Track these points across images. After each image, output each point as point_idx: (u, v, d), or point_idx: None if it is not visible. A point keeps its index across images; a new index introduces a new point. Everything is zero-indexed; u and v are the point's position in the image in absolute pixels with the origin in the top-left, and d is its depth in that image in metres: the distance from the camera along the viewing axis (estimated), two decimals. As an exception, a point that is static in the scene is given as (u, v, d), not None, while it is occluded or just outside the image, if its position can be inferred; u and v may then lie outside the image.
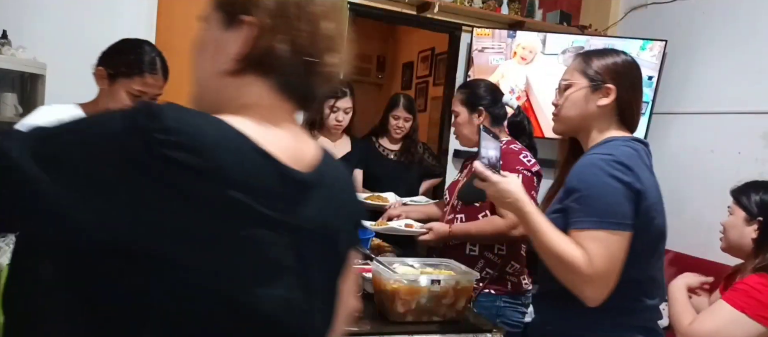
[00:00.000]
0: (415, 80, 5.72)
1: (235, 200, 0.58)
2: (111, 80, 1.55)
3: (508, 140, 1.94)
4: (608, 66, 1.22)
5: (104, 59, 1.58)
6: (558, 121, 1.30)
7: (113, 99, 1.56)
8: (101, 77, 1.56)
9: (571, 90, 1.24)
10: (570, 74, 1.27)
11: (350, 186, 0.82)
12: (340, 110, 2.54)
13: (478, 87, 1.99)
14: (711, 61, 3.00)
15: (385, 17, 3.44)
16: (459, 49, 3.62)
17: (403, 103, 2.69)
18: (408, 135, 2.75)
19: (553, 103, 1.31)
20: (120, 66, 1.55)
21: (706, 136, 2.96)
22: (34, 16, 2.72)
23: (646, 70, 3.27)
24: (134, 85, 1.55)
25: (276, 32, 0.67)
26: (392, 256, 1.89)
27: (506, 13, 3.57)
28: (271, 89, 0.70)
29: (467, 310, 1.46)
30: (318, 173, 0.72)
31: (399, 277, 1.41)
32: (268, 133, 0.66)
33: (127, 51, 1.57)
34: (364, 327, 1.37)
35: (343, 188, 0.80)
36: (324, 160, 0.75)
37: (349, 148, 2.68)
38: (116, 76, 1.55)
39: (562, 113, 1.27)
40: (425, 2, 3.33)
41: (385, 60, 6.48)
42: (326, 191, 0.73)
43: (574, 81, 1.24)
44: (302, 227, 0.67)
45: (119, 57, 1.56)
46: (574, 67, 1.26)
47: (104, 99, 1.58)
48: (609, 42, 3.38)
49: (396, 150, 2.76)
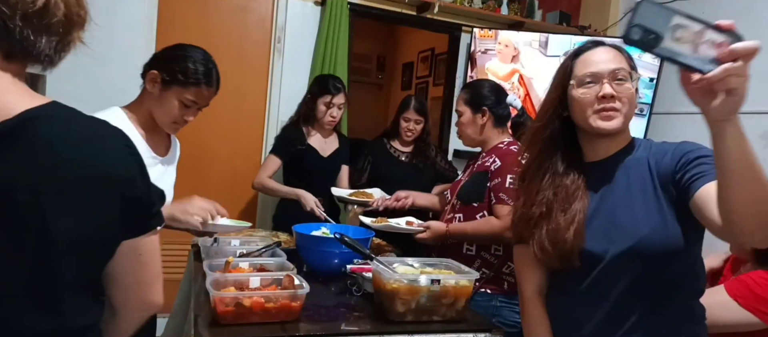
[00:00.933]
0: (415, 80, 5.72)
1: None
2: (164, 86, 1.52)
3: (510, 141, 1.94)
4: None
5: (160, 64, 1.53)
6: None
7: (162, 104, 1.53)
8: (153, 81, 1.52)
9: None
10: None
11: (86, 147, 0.71)
12: (335, 106, 2.55)
13: (482, 87, 1.99)
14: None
15: (385, 17, 3.45)
16: (459, 49, 3.62)
17: (414, 106, 2.66)
18: (420, 137, 2.72)
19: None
20: (177, 73, 1.51)
21: (706, 137, 2.94)
22: (34, 16, 2.72)
23: (646, 72, 3.27)
24: (188, 95, 1.53)
25: None
26: (392, 256, 1.89)
27: (506, 14, 3.58)
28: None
29: (466, 310, 1.46)
30: (6, 126, 0.64)
31: (399, 277, 1.41)
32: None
33: (187, 59, 1.53)
34: (364, 327, 1.37)
35: (68, 147, 0.69)
36: (37, 112, 0.67)
37: (338, 145, 2.69)
38: (171, 83, 1.51)
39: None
40: (425, 2, 3.33)
41: (385, 60, 6.49)
42: (22, 147, 0.65)
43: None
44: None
45: (178, 64, 1.52)
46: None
47: (151, 102, 1.55)
48: (609, 42, 3.37)
49: (408, 152, 2.73)
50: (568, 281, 1.21)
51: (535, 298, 1.29)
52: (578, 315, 1.19)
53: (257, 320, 1.30)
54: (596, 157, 1.23)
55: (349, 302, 1.54)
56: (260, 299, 1.30)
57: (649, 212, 1.11)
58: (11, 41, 0.66)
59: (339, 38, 3.18)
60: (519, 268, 1.35)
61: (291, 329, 1.30)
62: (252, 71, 3.22)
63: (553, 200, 1.21)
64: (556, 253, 1.18)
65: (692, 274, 1.17)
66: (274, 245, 1.80)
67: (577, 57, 1.23)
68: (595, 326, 1.16)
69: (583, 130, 1.23)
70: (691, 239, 1.11)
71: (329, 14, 3.14)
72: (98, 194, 0.72)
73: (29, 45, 0.68)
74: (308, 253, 1.80)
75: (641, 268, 1.12)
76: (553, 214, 1.20)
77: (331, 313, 1.45)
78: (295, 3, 3.20)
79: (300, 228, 1.88)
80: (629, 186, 1.16)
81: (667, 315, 1.14)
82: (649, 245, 1.09)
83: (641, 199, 1.13)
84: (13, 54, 0.68)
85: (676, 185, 1.10)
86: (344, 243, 1.55)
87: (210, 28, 3.07)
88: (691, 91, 0.80)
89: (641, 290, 1.13)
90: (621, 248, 1.11)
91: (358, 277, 1.60)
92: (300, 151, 2.58)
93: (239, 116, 3.20)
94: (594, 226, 1.16)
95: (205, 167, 3.11)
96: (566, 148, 1.26)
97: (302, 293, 1.34)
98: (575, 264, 1.16)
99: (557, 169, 1.24)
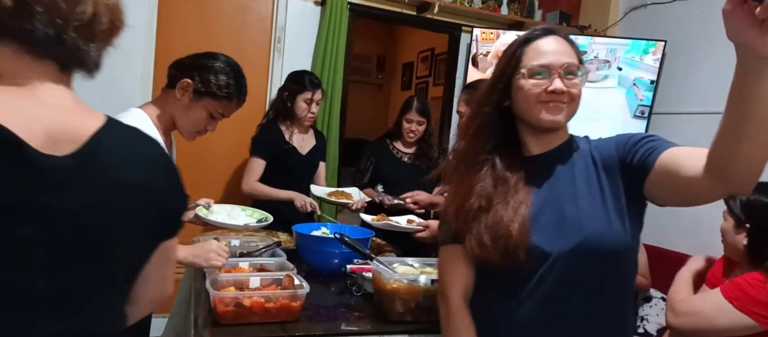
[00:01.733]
0: (415, 80, 5.72)
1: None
2: (196, 96, 1.49)
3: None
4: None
5: (194, 73, 1.49)
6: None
7: (189, 113, 1.51)
8: (184, 90, 1.49)
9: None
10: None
11: (138, 163, 0.74)
12: (315, 103, 2.54)
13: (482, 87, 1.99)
14: (711, 61, 3.00)
15: (385, 17, 3.44)
16: (459, 49, 3.62)
17: (416, 107, 2.65)
18: (422, 138, 2.71)
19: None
20: (212, 85, 1.48)
21: (706, 137, 2.91)
22: (34, 16, 2.72)
23: (647, 74, 3.27)
24: (219, 108, 1.52)
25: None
26: (392, 256, 1.89)
27: (506, 14, 3.57)
28: (16, 53, 0.65)
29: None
30: (82, 154, 0.66)
31: (399, 277, 1.41)
32: (15, 108, 0.62)
33: (221, 72, 1.50)
34: (364, 327, 1.37)
35: (127, 166, 0.72)
36: (101, 135, 0.69)
37: (315, 142, 2.68)
38: (204, 95, 1.49)
39: None
40: (425, 2, 3.33)
41: (385, 60, 6.49)
42: (95, 173, 0.67)
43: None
44: (50, 213, 0.63)
45: (213, 76, 1.49)
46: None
47: (176, 108, 1.51)
48: (609, 42, 3.38)
49: (410, 153, 2.73)
50: (512, 281, 1.10)
51: (462, 306, 1.17)
52: (522, 317, 1.09)
53: (257, 320, 1.30)
54: (537, 151, 1.16)
55: (349, 302, 1.54)
56: (260, 299, 1.30)
57: (595, 206, 1.06)
58: (66, 52, 0.68)
59: (339, 38, 3.18)
60: (445, 272, 1.22)
61: (291, 329, 1.30)
62: (252, 71, 3.20)
63: (494, 192, 1.12)
64: (498, 248, 1.07)
65: (631, 274, 1.15)
66: (274, 245, 1.80)
67: (527, 44, 1.14)
68: (538, 326, 1.08)
69: (524, 123, 1.16)
70: (634, 236, 1.08)
71: (329, 14, 3.14)
72: (149, 211, 0.76)
73: (81, 54, 0.69)
74: (308, 253, 1.80)
75: (589, 265, 1.05)
76: (494, 206, 1.10)
77: (331, 313, 1.45)
78: (295, 3, 3.20)
79: (300, 228, 1.88)
80: (574, 179, 1.10)
81: (610, 313, 1.09)
82: (598, 240, 1.04)
83: (587, 192, 1.08)
84: (68, 65, 0.70)
85: (626, 170, 1.06)
86: (344, 243, 1.55)
87: (210, 28, 3.07)
88: (739, 20, 0.71)
89: (586, 288, 1.07)
90: (571, 244, 1.05)
91: (358, 277, 1.60)
92: (282, 151, 2.57)
93: (239, 116, 3.18)
94: (542, 222, 1.08)
95: (205, 167, 3.10)
96: (505, 139, 1.18)
97: (302, 293, 1.35)
98: (521, 259, 1.05)
99: (496, 160, 1.15)
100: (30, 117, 0.62)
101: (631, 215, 1.07)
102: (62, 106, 0.68)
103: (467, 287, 1.18)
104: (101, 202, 0.68)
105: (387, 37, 6.40)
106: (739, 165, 0.84)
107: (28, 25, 0.63)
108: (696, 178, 0.91)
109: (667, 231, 2.81)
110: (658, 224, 3.07)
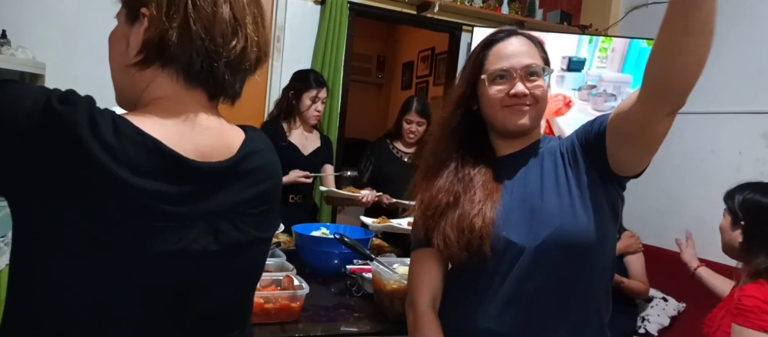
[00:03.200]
0: (415, 80, 5.72)
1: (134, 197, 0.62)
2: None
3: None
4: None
5: None
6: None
7: None
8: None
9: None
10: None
11: (271, 174, 0.82)
12: (320, 101, 2.54)
13: None
14: (711, 61, 2.96)
15: (385, 17, 3.44)
16: (459, 48, 3.62)
17: (416, 107, 2.65)
18: (423, 139, 2.67)
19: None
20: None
21: (706, 136, 2.96)
22: (34, 16, 2.72)
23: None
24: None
25: (169, 21, 0.68)
26: (392, 256, 1.88)
27: (507, 13, 3.57)
28: (176, 80, 0.72)
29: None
30: (231, 164, 0.73)
31: (399, 277, 1.41)
32: (171, 128, 0.68)
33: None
34: (364, 327, 1.37)
35: (263, 177, 0.79)
36: (244, 150, 0.76)
37: (319, 144, 2.68)
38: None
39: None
40: (425, 2, 3.33)
41: (385, 60, 6.49)
42: (243, 181, 0.75)
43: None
44: (207, 217, 0.70)
45: None
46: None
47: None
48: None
49: (410, 153, 2.72)
50: (481, 279, 1.09)
51: (428, 312, 1.14)
52: (491, 317, 1.07)
53: (256, 320, 1.29)
54: (507, 151, 1.16)
55: (348, 302, 1.54)
56: (260, 300, 1.30)
57: (563, 200, 1.06)
58: (216, 83, 0.73)
59: (339, 38, 3.17)
60: (415, 277, 1.19)
61: (291, 329, 1.30)
62: (252, 71, 3.22)
63: (461, 190, 1.12)
64: (462, 241, 1.06)
65: (606, 270, 1.12)
66: (274, 246, 1.80)
67: (489, 48, 1.14)
68: (508, 326, 1.06)
69: (492, 127, 1.16)
70: (606, 229, 1.07)
71: (329, 13, 3.14)
72: (275, 211, 0.84)
73: (228, 86, 0.75)
74: (308, 253, 1.80)
75: (559, 259, 1.04)
76: (460, 202, 1.11)
77: (331, 313, 1.45)
78: (294, 2, 3.20)
79: (300, 228, 1.87)
80: (543, 175, 1.10)
81: (582, 313, 1.07)
82: (567, 233, 1.03)
83: (555, 187, 1.08)
84: (216, 95, 0.76)
85: (587, 150, 1.07)
86: (344, 243, 1.55)
87: (210, 27, 3.07)
88: None
89: (556, 285, 1.05)
90: (541, 237, 1.03)
91: (358, 277, 1.60)
92: (280, 148, 2.56)
93: (239, 115, 3.16)
94: (513, 218, 1.07)
95: (205, 167, 3.11)
96: (475, 142, 1.18)
97: (302, 293, 1.34)
98: (486, 252, 1.04)
99: (465, 161, 1.16)
100: (185, 138, 0.69)
101: (601, 206, 1.06)
102: (212, 128, 0.74)
103: (435, 293, 1.16)
104: (248, 205, 0.75)
105: (387, 36, 6.40)
106: (676, 78, 0.88)
107: (187, 57, 0.70)
108: (637, 109, 0.94)
109: (667, 231, 2.81)
110: (658, 224, 3.07)
